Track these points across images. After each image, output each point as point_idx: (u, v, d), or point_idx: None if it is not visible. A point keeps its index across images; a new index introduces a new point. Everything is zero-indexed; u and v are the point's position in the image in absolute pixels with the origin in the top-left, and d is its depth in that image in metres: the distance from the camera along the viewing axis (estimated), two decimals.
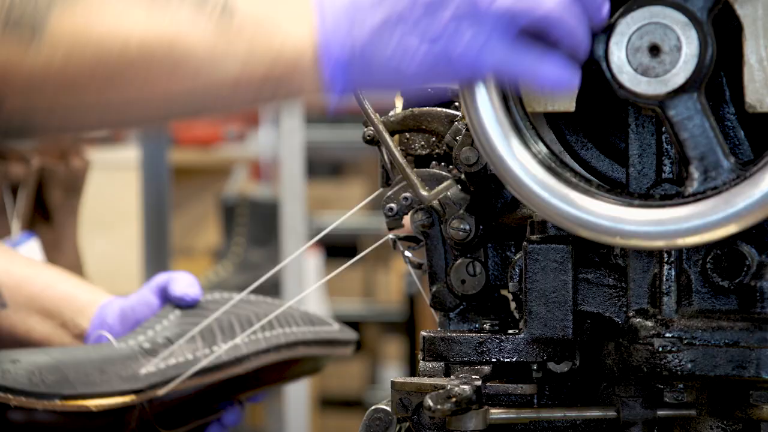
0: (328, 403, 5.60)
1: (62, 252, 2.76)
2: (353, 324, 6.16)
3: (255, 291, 1.47)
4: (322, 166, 6.20)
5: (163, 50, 0.96)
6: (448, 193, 1.18)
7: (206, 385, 1.46)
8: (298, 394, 3.78)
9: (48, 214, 2.80)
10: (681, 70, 1.01)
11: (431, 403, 1.05)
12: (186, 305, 1.46)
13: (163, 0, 0.97)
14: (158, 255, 3.38)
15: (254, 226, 4.00)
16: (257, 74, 0.98)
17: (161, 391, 1.42)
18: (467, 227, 1.17)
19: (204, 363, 1.43)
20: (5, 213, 2.64)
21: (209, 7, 0.97)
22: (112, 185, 3.66)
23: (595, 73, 1.03)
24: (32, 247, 2.57)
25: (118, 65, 0.96)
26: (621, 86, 1.02)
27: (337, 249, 4.84)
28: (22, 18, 0.91)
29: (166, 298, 1.48)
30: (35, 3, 0.92)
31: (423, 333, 1.16)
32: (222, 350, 1.44)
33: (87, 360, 1.41)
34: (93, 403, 1.38)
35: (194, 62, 0.97)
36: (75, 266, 2.68)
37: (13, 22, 0.90)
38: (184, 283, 1.46)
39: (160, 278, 1.49)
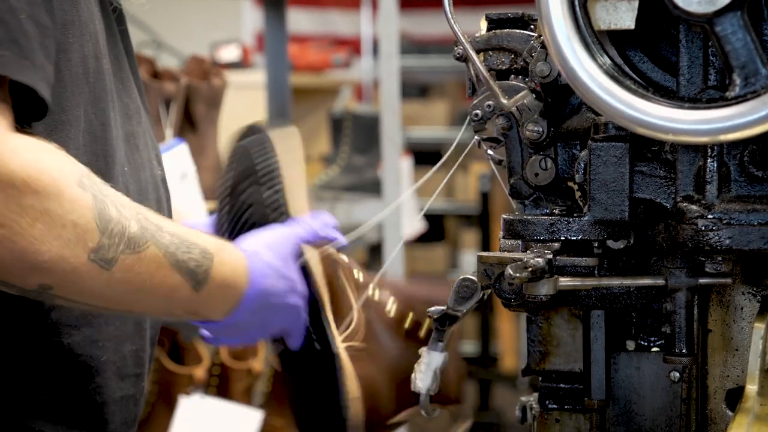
0: None
1: (205, 155, 2.77)
2: (437, 217, 6.15)
3: (359, 190, 1.43)
4: (413, 88, 6.15)
5: (179, 293, 1.18)
6: (525, 101, 1.16)
7: None
8: (394, 275, 3.79)
9: (194, 123, 2.81)
10: None
11: (511, 272, 1.05)
12: None
13: (184, 265, 1.17)
14: None
15: (357, 137, 3.98)
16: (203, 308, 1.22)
17: None
18: (540, 129, 1.15)
19: None
20: (160, 122, 2.66)
21: (202, 272, 1.19)
22: (244, 102, 3.66)
23: None
24: (182, 150, 2.58)
25: (147, 297, 1.17)
26: (675, 6, 0.99)
27: (424, 155, 4.82)
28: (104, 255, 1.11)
29: None
30: (116, 248, 1.11)
31: (504, 216, 1.15)
32: None
33: None
34: None
35: (178, 294, 1.18)
36: (216, 167, 2.69)
37: (99, 258, 1.10)
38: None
39: None
